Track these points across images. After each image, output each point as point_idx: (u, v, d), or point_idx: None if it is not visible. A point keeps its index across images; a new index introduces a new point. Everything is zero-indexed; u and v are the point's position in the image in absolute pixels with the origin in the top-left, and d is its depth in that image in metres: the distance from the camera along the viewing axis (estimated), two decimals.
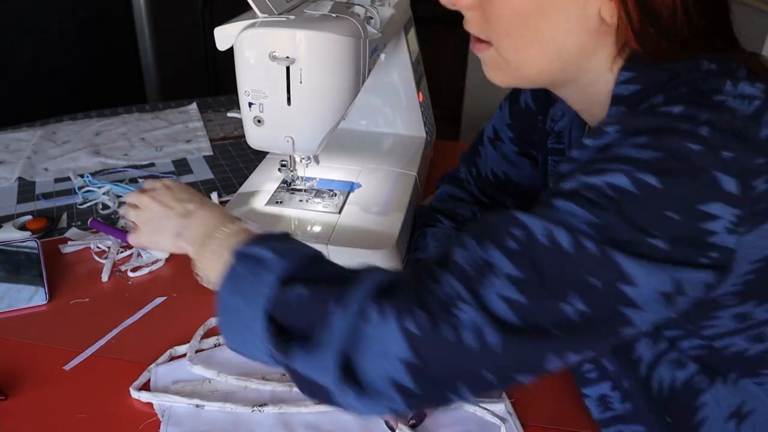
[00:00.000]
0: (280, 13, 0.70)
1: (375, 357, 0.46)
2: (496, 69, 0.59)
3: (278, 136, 0.74)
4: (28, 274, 0.82)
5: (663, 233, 0.45)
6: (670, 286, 0.45)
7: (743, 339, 0.55)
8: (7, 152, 1.21)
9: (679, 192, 0.45)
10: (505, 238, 0.46)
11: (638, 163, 0.45)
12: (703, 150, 0.45)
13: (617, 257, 0.44)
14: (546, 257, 0.45)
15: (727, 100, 0.48)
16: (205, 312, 0.78)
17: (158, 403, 0.65)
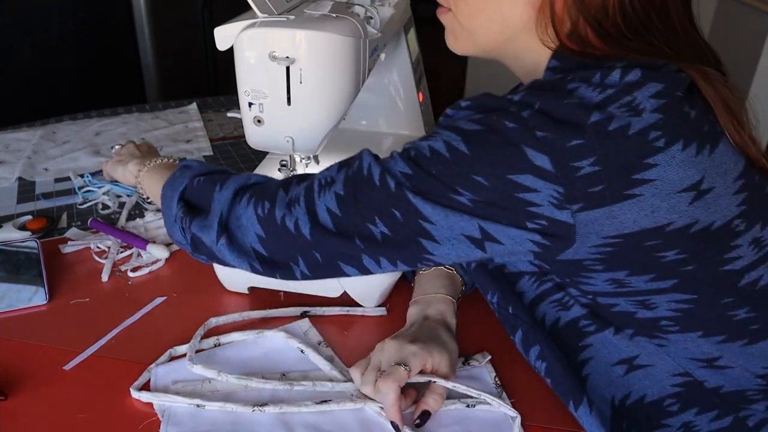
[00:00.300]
0: (280, 13, 0.70)
1: (242, 227, 0.63)
2: (453, 36, 0.66)
3: (278, 136, 0.74)
4: (28, 274, 0.82)
5: (469, 192, 0.53)
6: (477, 232, 0.54)
7: (628, 302, 0.59)
8: (7, 152, 1.21)
9: (486, 160, 0.52)
10: (348, 169, 0.59)
11: (459, 132, 0.54)
12: (517, 127, 0.51)
13: (414, 200, 0.54)
14: (363, 186, 0.57)
15: (580, 87, 0.53)
16: (205, 312, 0.78)
17: (158, 403, 0.65)
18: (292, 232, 0.59)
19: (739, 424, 0.60)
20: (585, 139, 0.50)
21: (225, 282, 0.83)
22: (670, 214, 0.52)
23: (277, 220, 0.60)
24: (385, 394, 0.61)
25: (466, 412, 0.66)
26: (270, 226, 0.61)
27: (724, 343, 0.59)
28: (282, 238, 0.60)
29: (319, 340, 0.75)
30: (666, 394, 0.61)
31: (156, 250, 0.89)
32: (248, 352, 0.72)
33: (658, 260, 0.54)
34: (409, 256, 0.57)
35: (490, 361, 0.72)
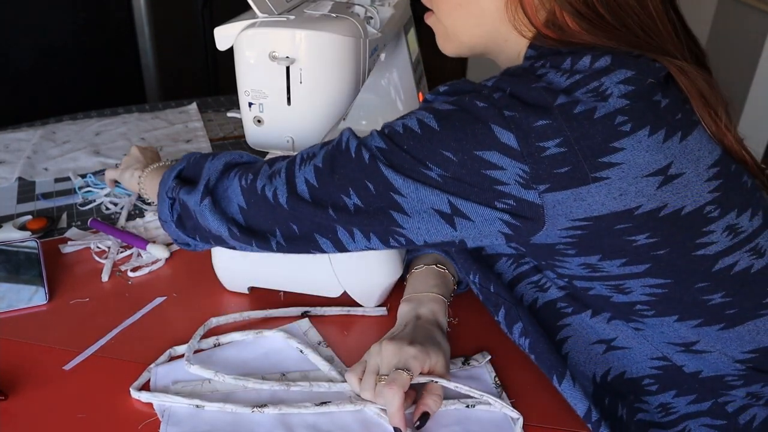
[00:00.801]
0: (280, 13, 0.70)
1: (227, 197, 0.65)
2: (442, 38, 0.68)
3: (278, 136, 0.74)
4: (28, 274, 0.82)
5: (439, 167, 0.54)
6: (447, 207, 0.55)
7: (602, 287, 0.61)
8: (7, 152, 1.21)
9: (455, 136, 0.54)
10: (331, 143, 0.61)
11: (431, 111, 0.56)
12: (486, 106, 0.53)
13: (386, 172, 0.56)
14: (339, 157, 0.59)
15: (549, 73, 0.55)
16: (205, 312, 0.78)
17: (158, 403, 0.65)
18: (271, 201, 0.61)
19: (718, 408, 0.61)
20: (551, 119, 0.52)
21: (225, 282, 0.83)
22: (638, 197, 0.53)
23: (257, 190, 0.62)
24: (390, 400, 0.61)
25: (466, 412, 0.66)
26: (251, 197, 0.63)
27: (700, 327, 0.60)
28: (261, 209, 0.62)
29: (319, 340, 0.75)
30: (645, 374, 0.63)
31: (156, 250, 0.89)
32: (248, 353, 0.72)
33: (629, 244, 0.56)
34: (380, 229, 0.59)
35: (490, 361, 0.72)
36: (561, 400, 0.64)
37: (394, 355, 0.64)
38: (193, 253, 0.91)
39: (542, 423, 0.65)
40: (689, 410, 0.62)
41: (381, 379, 0.63)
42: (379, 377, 0.63)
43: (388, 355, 0.64)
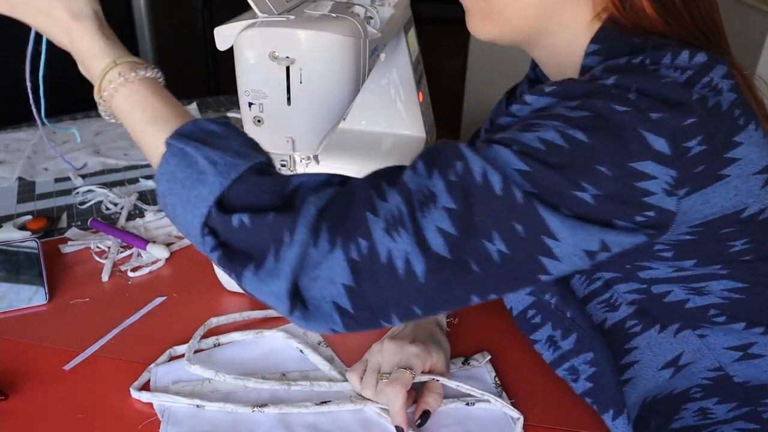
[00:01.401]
0: (280, 13, 0.70)
1: (321, 282, 0.48)
2: (480, 18, 0.60)
3: (278, 136, 0.74)
4: (28, 274, 0.82)
5: (592, 187, 0.47)
6: (596, 246, 0.47)
7: (682, 289, 0.58)
8: (7, 152, 1.21)
9: (608, 148, 0.47)
10: (449, 171, 0.48)
11: (568, 120, 0.48)
12: (629, 110, 0.47)
13: (543, 212, 0.46)
14: (478, 194, 0.47)
15: (660, 69, 0.50)
16: (205, 312, 0.78)
17: (158, 403, 0.65)
18: (400, 274, 0.47)
19: (755, 414, 0.60)
20: (695, 116, 0.47)
21: (225, 282, 0.83)
22: (747, 197, 0.51)
23: (380, 259, 0.47)
24: (393, 399, 0.61)
25: (466, 411, 0.66)
26: (367, 270, 0.47)
27: (763, 335, 0.59)
28: (383, 284, 0.47)
29: (319, 340, 0.75)
30: (694, 384, 0.61)
31: (156, 250, 0.89)
32: (248, 352, 0.72)
33: (727, 249, 0.54)
34: (522, 279, 0.49)
35: (490, 361, 0.72)
36: (561, 400, 0.64)
37: (396, 354, 0.64)
38: (193, 253, 0.91)
39: (542, 423, 0.65)
40: (727, 416, 0.61)
41: (383, 377, 0.63)
42: (381, 376, 0.63)
43: (390, 354, 0.64)
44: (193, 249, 0.92)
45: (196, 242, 0.51)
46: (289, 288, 0.48)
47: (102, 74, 0.59)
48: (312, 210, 0.48)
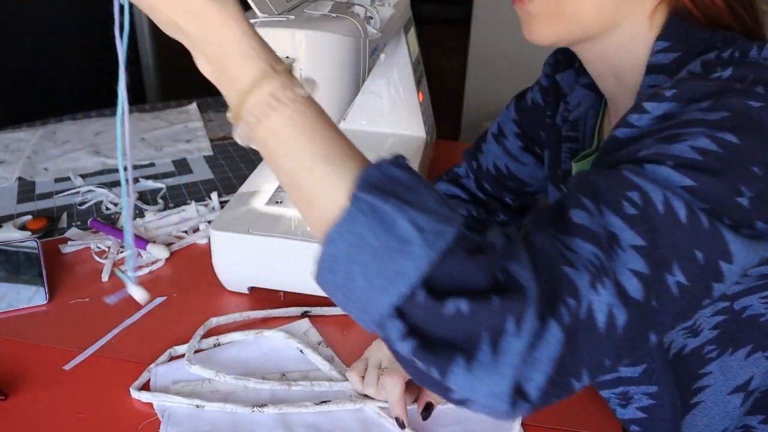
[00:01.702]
0: (280, 13, 0.70)
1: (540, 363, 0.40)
2: (545, 20, 0.56)
3: None
4: (28, 274, 0.82)
5: (749, 189, 0.44)
6: (756, 261, 0.45)
7: (760, 302, 0.56)
8: (7, 152, 1.21)
9: (756, 146, 0.45)
10: (623, 203, 0.43)
11: (711, 124, 0.45)
12: (765, 105, 0.45)
13: (726, 234, 0.43)
14: (662, 224, 0.42)
15: (760, 61, 0.49)
16: (205, 312, 0.78)
17: (158, 403, 0.65)
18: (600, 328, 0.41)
19: None
20: None
21: (225, 282, 0.83)
22: None
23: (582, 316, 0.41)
24: (391, 390, 0.61)
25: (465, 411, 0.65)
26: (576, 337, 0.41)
27: None
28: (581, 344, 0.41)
29: (319, 340, 0.75)
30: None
31: (156, 250, 0.89)
32: (248, 352, 0.72)
33: None
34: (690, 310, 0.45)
35: None
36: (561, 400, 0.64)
37: None
38: (193, 253, 0.91)
39: (542, 423, 0.65)
40: (764, 429, 0.60)
41: (383, 372, 0.63)
42: (382, 371, 0.63)
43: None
44: (193, 249, 0.92)
45: (370, 322, 0.41)
46: (512, 384, 0.40)
47: (254, 83, 0.43)
48: (533, 288, 0.40)
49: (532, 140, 0.82)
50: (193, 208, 1.00)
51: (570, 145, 0.73)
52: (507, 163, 0.84)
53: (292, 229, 0.81)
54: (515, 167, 0.84)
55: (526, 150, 0.83)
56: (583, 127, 0.72)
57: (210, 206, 1.02)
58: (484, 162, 0.87)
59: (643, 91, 0.55)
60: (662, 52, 0.55)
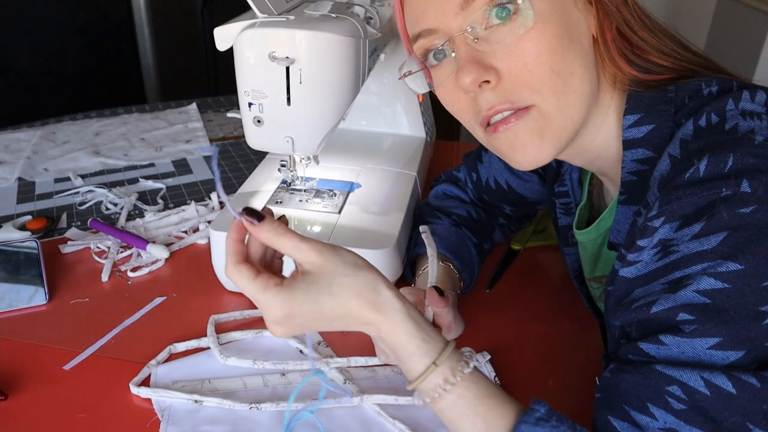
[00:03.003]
0: (280, 13, 0.70)
1: None
2: (539, 133, 0.54)
3: (278, 136, 0.74)
4: (27, 274, 0.82)
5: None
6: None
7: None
8: (7, 152, 1.21)
9: (762, 258, 0.44)
10: (669, 401, 0.45)
11: (710, 256, 0.45)
12: (756, 208, 0.45)
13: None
14: (716, 406, 0.44)
15: (739, 124, 0.48)
16: (205, 312, 0.78)
17: (158, 402, 0.65)
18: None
19: None
20: None
21: (225, 282, 0.83)
22: None
23: None
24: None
25: None
26: None
27: None
28: None
29: (319, 339, 0.75)
30: None
31: (156, 250, 0.89)
32: (247, 352, 0.72)
33: None
34: None
35: (490, 361, 0.72)
36: (560, 400, 0.64)
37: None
38: (193, 253, 0.91)
39: None
40: None
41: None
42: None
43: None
44: (193, 249, 0.92)
45: None
46: None
47: (422, 378, 0.51)
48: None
49: None
50: (193, 208, 1.00)
51: (562, 200, 0.74)
52: (508, 180, 0.84)
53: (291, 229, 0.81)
54: (516, 183, 0.84)
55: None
56: (569, 180, 0.72)
57: (210, 206, 1.02)
58: (485, 174, 0.86)
59: (627, 166, 0.57)
60: (634, 126, 0.56)
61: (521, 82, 0.52)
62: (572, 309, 0.82)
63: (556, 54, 0.51)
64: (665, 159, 0.51)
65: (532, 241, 0.95)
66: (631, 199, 0.58)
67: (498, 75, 0.52)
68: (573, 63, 0.53)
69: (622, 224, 0.60)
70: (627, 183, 0.58)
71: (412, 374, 0.51)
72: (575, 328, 0.79)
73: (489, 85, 0.53)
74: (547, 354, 0.74)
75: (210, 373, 0.69)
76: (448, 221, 0.85)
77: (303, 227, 0.83)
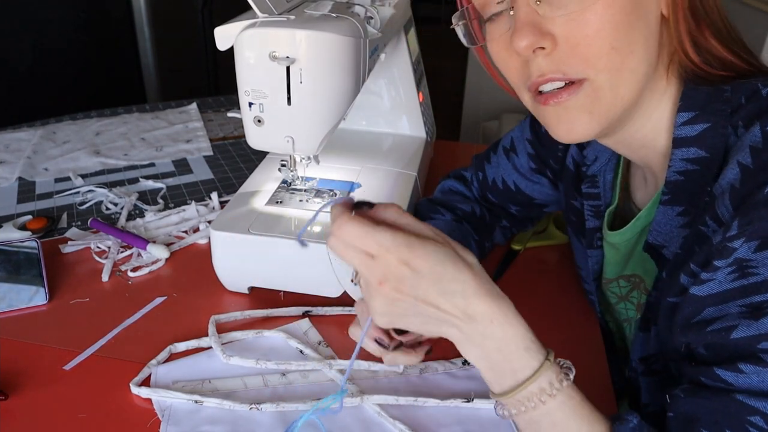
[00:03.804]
0: (280, 13, 0.70)
1: None
2: (588, 110, 0.53)
3: (278, 136, 0.74)
4: (28, 274, 0.82)
5: None
6: None
7: None
8: (7, 152, 1.21)
9: None
10: (748, 430, 0.45)
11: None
12: None
13: None
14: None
15: None
16: (205, 312, 0.78)
17: (158, 402, 0.65)
18: None
19: None
20: None
21: (225, 282, 0.83)
22: None
23: None
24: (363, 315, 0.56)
25: (465, 411, 0.65)
26: None
27: None
28: None
29: (319, 340, 0.75)
30: None
31: (156, 250, 0.89)
32: (248, 352, 0.72)
33: None
34: None
35: None
36: None
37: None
38: (193, 253, 0.91)
39: None
40: None
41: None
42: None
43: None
44: (192, 249, 0.92)
45: None
46: None
47: (537, 375, 0.49)
48: None
49: (545, 164, 0.80)
50: (193, 208, 1.00)
51: (591, 203, 0.71)
52: (516, 180, 0.83)
53: (292, 229, 0.81)
54: (525, 184, 0.83)
55: (538, 172, 0.81)
56: (602, 182, 0.70)
57: (210, 206, 1.02)
58: (491, 174, 0.86)
59: (675, 165, 0.55)
60: (687, 124, 0.54)
61: (577, 54, 0.50)
62: (572, 309, 0.82)
63: (619, 30, 0.49)
64: (733, 167, 0.49)
65: (532, 241, 0.95)
66: (675, 200, 0.56)
67: (554, 42, 0.50)
68: (635, 41, 0.50)
69: (662, 225, 0.58)
70: (672, 183, 0.56)
71: (521, 373, 0.49)
72: (575, 328, 0.79)
73: (543, 52, 0.51)
74: None
75: (210, 373, 0.69)
76: (451, 216, 0.84)
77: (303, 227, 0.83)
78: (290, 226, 0.82)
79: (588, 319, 0.80)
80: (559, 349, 0.75)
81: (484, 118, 2.68)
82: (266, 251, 0.78)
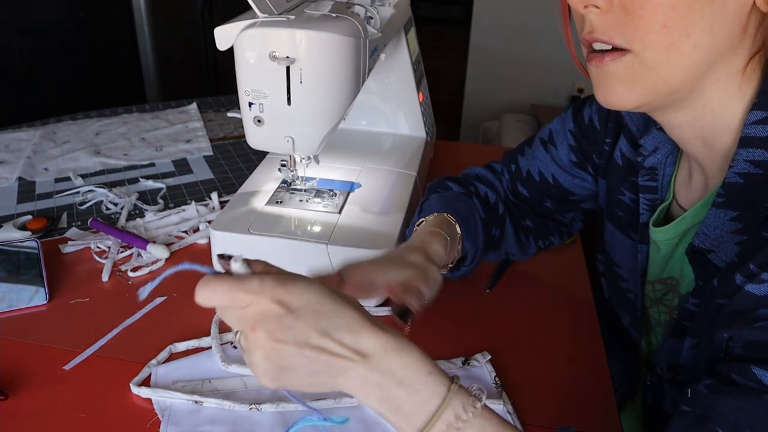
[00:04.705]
0: (280, 13, 0.70)
1: None
2: (627, 82, 0.52)
3: (278, 136, 0.74)
4: (28, 274, 0.82)
5: None
6: None
7: None
8: (7, 152, 1.21)
9: None
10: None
11: None
12: None
13: None
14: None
15: None
16: (205, 312, 0.78)
17: (158, 402, 0.65)
18: None
19: None
20: None
21: None
22: None
23: None
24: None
25: None
26: None
27: None
28: None
29: None
30: None
31: (156, 249, 0.89)
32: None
33: None
34: None
35: (490, 361, 0.72)
36: (560, 400, 0.64)
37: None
38: (194, 253, 0.91)
39: (542, 423, 0.65)
40: None
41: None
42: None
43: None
44: (192, 249, 0.93)
45: None
46: None
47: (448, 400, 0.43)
48: None
49: (586, 158, 0.77)
50: (193, 208, 1.00)
51: (648, 196, 0.68)
52: (554, 173, 0.80)
53: (292, 229, 0.81)
54: (563, 177, 0.80)
55: (578, 165, 0.78)
56: (661, 176, 0.67)
57: (210, 206, 1.02)
58: (526, 166, 0.82)
59: (738, 166, 0.52)
60: (759, 123, 0.51)
61: (627, 23, 0.49)
62: (572, 309, 0.82)
63: (677, 10, 0.47)
64: None
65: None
66: (730, 204, 0.53)
67: (610, 4, 0.49)
68: (694, 25, 0.48)
69: (712, 229, 0.55)
70: (730, 185, 0.53)
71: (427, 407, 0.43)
72: (575, 328, 0.79)
73: (596, 10, 0.50)
74: (547, 354, 0.74)
75: (210, 373, 0.69)
76: (461, 189, 0.81)
77: (303, 227, 0.83)
78: (290, 226, 0.83)
79: (587, 318, 0.80)
80: (560, 348, 0.75)
81: (484, 118, 2.68)
82: (266, 251, 0.78)
